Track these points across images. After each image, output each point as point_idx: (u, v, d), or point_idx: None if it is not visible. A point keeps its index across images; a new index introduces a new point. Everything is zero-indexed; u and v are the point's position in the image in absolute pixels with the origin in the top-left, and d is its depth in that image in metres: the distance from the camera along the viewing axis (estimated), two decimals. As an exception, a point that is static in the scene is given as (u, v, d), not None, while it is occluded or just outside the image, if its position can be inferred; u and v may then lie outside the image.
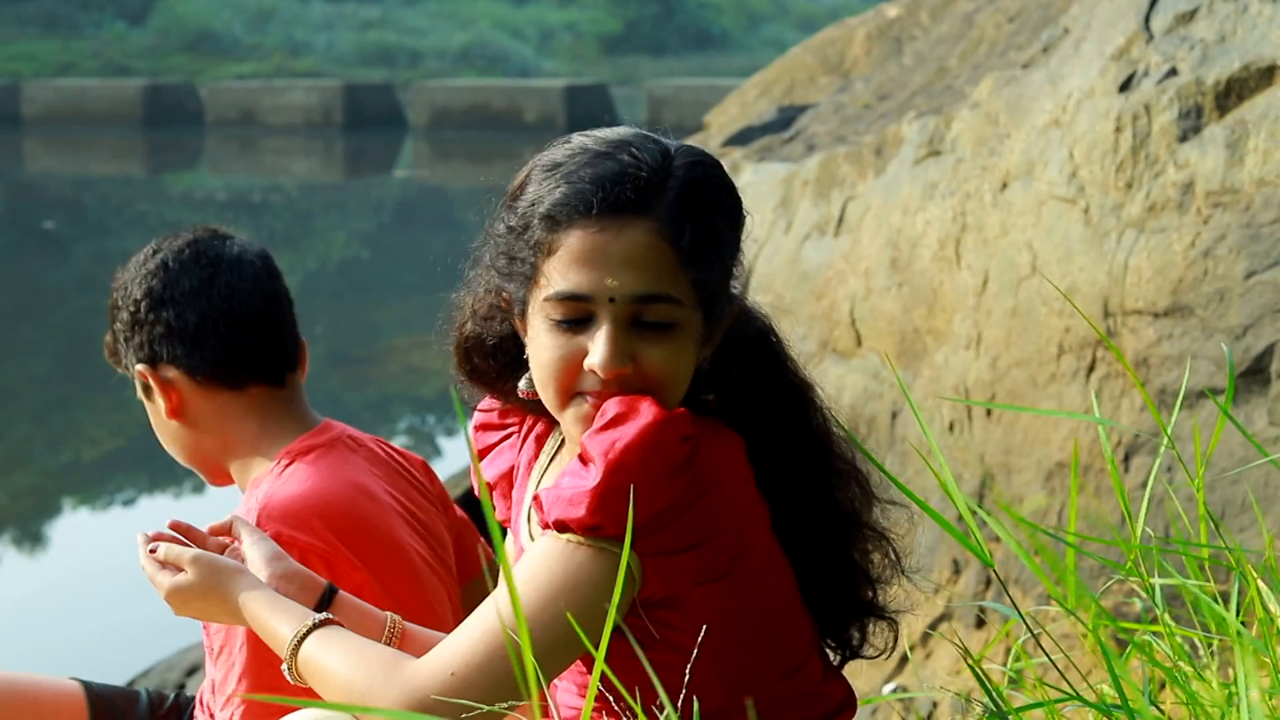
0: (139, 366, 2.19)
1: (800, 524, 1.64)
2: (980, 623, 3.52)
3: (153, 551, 1.72)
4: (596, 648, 1.25)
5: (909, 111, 4.51)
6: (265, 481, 2.09)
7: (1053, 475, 3.41)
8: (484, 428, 1.87)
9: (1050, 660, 1.57)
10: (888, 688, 3.59)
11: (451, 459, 7.65)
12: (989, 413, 3.59)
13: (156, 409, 2.22)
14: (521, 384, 1.69)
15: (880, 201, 4.07)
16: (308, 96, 24.42)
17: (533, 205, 1.61)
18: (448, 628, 2.10)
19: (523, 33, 32.43)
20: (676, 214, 1.56)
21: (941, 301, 3.79)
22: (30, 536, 6.68)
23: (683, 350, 1.59)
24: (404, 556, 2.11)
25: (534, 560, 1.53)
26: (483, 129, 23.04)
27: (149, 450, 2.39)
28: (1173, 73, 3.30)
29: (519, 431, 1.84)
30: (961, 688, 3.59)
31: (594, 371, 1.57)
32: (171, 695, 2.28)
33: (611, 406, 1.54)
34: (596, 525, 1.49)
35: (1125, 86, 3.37)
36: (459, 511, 2.32)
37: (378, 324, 11.53)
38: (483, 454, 1.88)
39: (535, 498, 1.56)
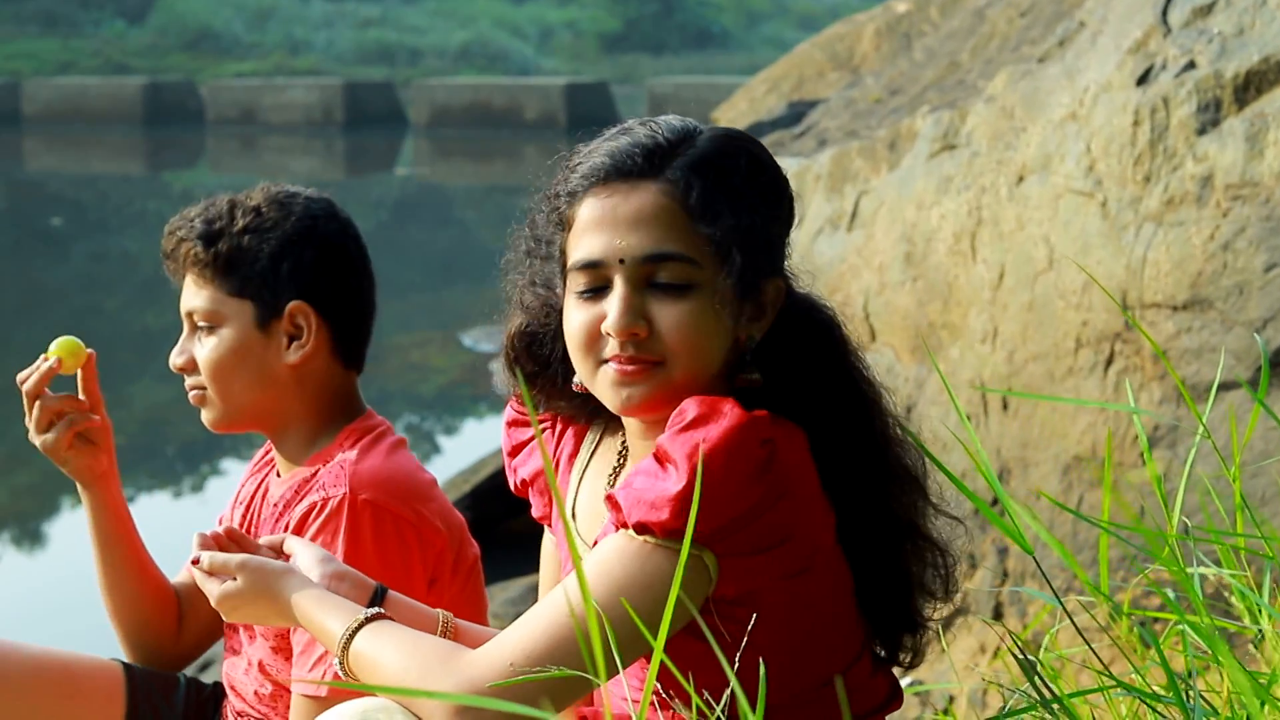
0: (298, 301, 2.14)
1: (855, 526, 1.63)
2: (998, 616, 3.52)
3: (196, 562, 1.71)
4: (663, 646, 1.24)
5: (921, 106, 4.50)
6: (339, 455, 2.08)
7: (1070, 469, 3.41)
8: (517, 424, 1.86)
9: (1091, 648, 1.56)
10: (904, 682, 3.59)
11: (452, 456, 7.64)
12: (1005, 406, 3.59)
13: (270, 345, 2.13)
14: (576, 377, 1.69)
15: (894, 196, 4.06)
16: (308, 95, 24.40)
17: (560, 187, 1.64)
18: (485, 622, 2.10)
19: (522, 31, 32.41)
20: (686, 174, 1.57)
21: (957, 296, 3.79)
22: (30, 536, 6.67)
23: (702, 312, 1.57)
24: (470, 539, 2.13)
25: (607, 557, 1.51)
26: (483, 127, 23.03)
27: (149, 449, 2.33)
28: (1191, 66, 3.30)
29: (553, 427, 1.83)
30: (978, 682, 3.59)
31: (609, 334, 1.58)
32: (210, 685, 2.27)
33: (691, 406, 1.53)
34: (679, 529, 1.48)
35: (1143, 80, 3.37)
36: None
37: (377, 321, 11.53)
38: (516, 449, 1.86)
39: (609, 497, 1.54)
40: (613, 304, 1.57)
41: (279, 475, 2.21)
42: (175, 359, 2.16)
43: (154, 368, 9.46)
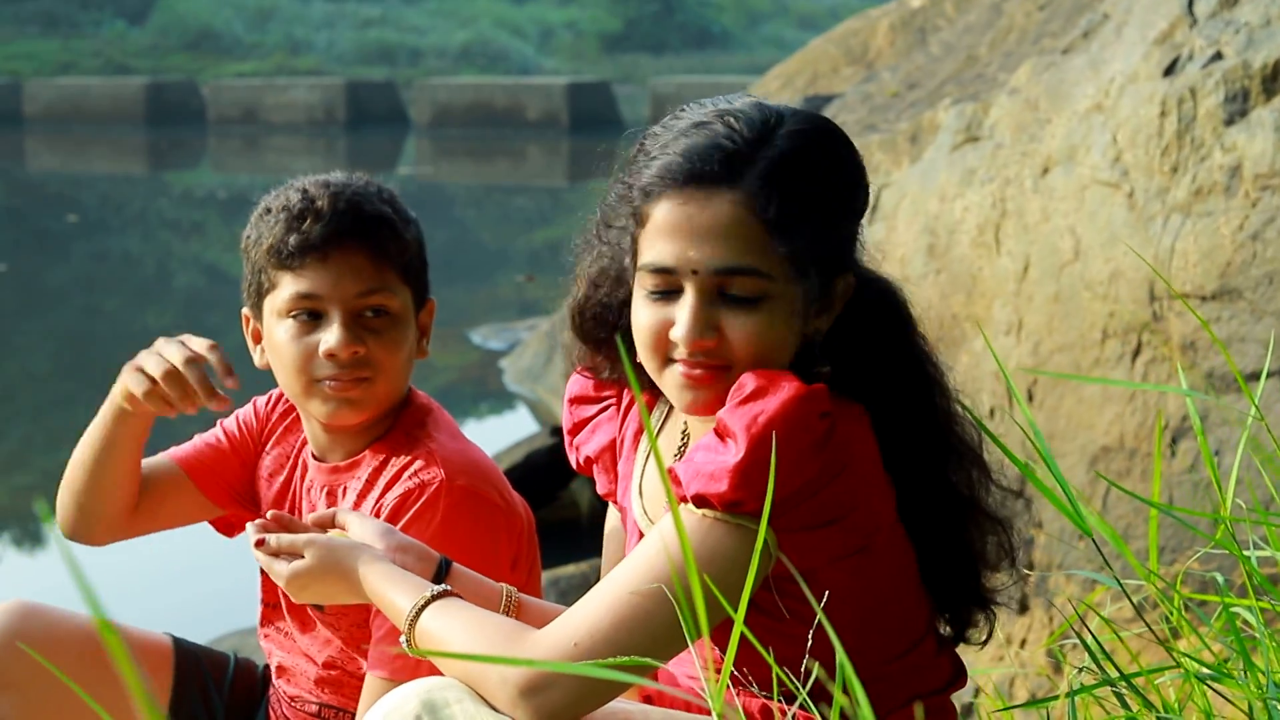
0: (431, 297, 2.15)
1: (916, 502, 1.63)
2: (1024, 609, 3.52)
3: (260, 544, 1.70)
4: (724, 623, 1.24)
5: (940, 100, 4.50)
6: (410, 440, 2.06)
7: (1097, 460, 3.41)
8: (579, 400, 1.86)
9: (1150, 627, 1.56)
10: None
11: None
12: (1031, 398, 3.59)
13: (415, 335, 2.10)
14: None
15: (916, 188, 4.06)
16: (310, 94, 24.38)
17: (635, 175, 1.62)
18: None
19: (523, 31, 32.39)
20: (764, 185, 1.54)
21: (981, 288, 3.79)
22: (29, 537, 6.65)
23: (772, 323, 1.57)
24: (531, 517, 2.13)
25: (667, 532, 1.50)
26: (485, 127, 23.02)
27: (149, 448, 2.27)
28: (1218, 56, 3.30)
29: (617, 404, 1.83)
30: (1003, 675, 3.59)
31: (677, 342, 1.58)
32: (260, 667, 2.26)
33: (750, 380, 1.53)
34: (738, 501, 1.48)
35: (1169, 71, 3.37)
36: None
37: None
38: (578, 427, 1.87)
39: (670, 471, 1.54)
40: (683, 314, 1.57)
41: (316, 457, 2.16)
42: (350, 346, 2.01)
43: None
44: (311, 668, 2.12)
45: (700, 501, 1.50)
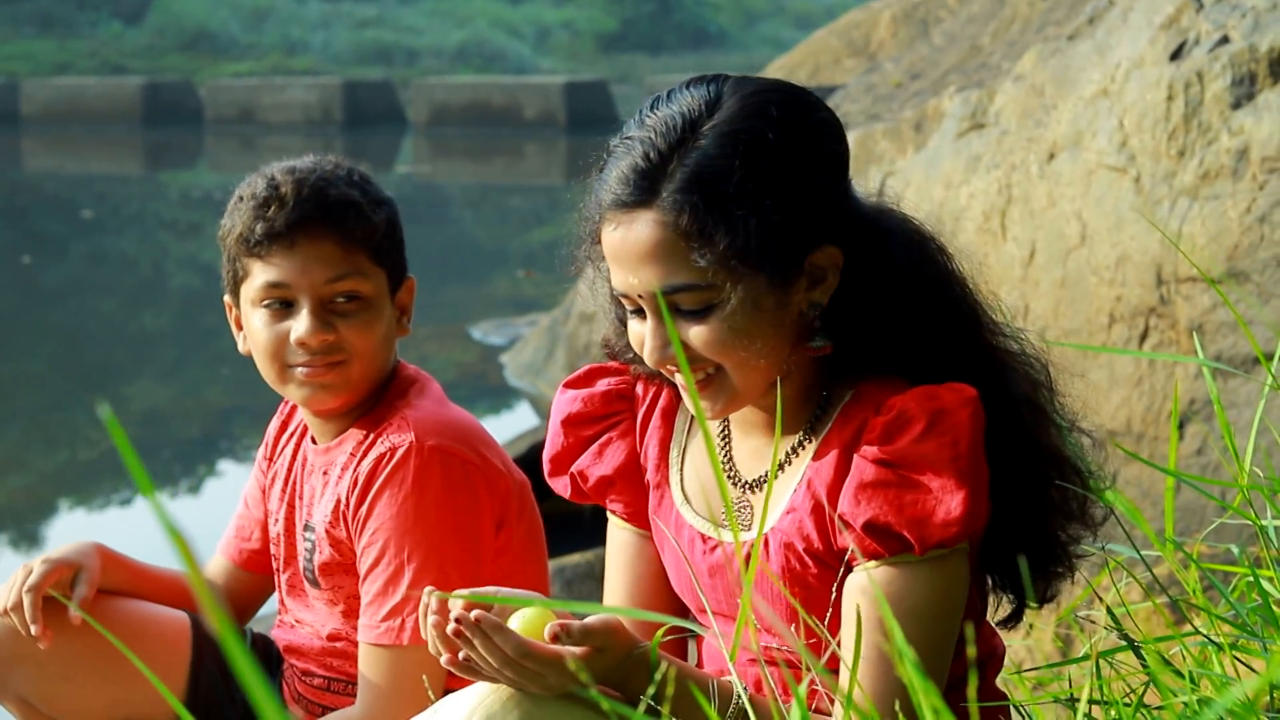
0: (410, 275, 2.16)
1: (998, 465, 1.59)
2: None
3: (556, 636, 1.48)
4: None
5: (944, 89, 4.51)
6: (393, 405, 2.07)
7: (1103, 444, 3.41)
8: (574, 421, 1.78)
9: (1174, 600, 1.56)
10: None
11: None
12: (1037, 383, 3.59)
13: (391, 316, 2.11)
14: None
15: (921, 176, 4.06)
16: (307, 94, 24.35)
17: (590, 196, 1.62)
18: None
19: (519, 31, 32.38)
20: (677, 198, 1.50)
21: (986, 274, 3.77)
22: (27, 538, 6.63)
23: (729, 326, 1.53)
24: (528, 484, 2.13)
25: (898, 593, 1.51)
26: (483, 126, 23.00)
27: (148, 449, 2.29)
28: (1224, 40, 3.30)
29: (631, 417, 1.77)
30: (1008, 659, 3.59)
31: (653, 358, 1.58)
32: (276, 642, 2.27)
33: (913, 406, 1.53)
34: (964, 533, 1.51)
35: (1176, 55, 3.37)
36: None
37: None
38: (576, 448, 1.78)
39: (874, 527, 1.51)
40: (646, 335, 1.57)
41: (315, 442, 2.17)
42: (318, 335, 2.03)
43: (152, 368, 9.43)
44: (318, 641, 2.13)
45: (937, 545, 1.51)
